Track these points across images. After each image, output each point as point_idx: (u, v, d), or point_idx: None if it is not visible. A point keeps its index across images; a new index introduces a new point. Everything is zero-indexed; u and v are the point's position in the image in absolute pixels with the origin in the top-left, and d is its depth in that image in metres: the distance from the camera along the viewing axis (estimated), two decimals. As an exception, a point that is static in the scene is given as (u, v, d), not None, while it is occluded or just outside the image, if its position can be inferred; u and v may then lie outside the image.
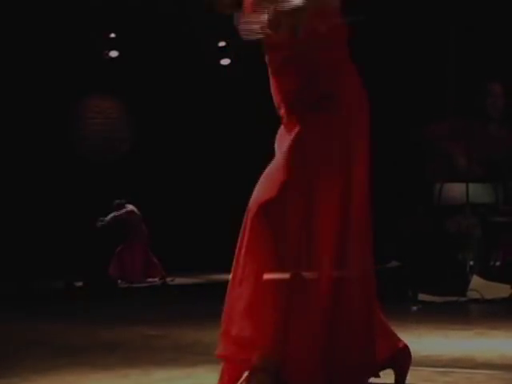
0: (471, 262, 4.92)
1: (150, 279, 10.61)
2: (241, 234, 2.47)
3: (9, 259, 10.94)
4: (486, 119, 5.11)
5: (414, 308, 5.39)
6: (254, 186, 2.54)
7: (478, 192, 6.21)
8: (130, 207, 10.95)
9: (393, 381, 2.61)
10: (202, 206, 12.65)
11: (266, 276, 2.34)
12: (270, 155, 2.65)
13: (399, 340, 2.61)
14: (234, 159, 12.61)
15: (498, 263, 4.86)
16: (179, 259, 10.86)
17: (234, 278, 2.47)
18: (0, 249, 11.21)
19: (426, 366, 3.02)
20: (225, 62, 12.90)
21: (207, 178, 12.71)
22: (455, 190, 6.53)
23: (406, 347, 2.61)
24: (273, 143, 2.66)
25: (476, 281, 4.77)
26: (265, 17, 2.44)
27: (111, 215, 10.96)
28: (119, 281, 10.61)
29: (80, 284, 9.88)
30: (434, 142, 4.74)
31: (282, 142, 2.55)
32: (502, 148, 5.05)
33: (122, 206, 10.99)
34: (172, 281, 10.47)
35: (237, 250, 2.48)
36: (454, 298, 4.79)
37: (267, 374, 2.31)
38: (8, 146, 12.01)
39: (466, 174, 4.69)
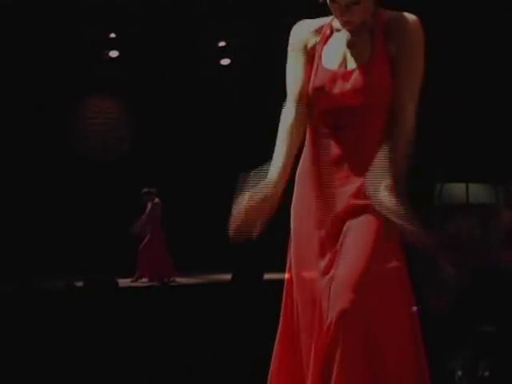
0: (460, 372, 4.90)
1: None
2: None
3: (9, 259, 10.93)
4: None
5: (415, 308, 5.35)
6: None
7: (478, 192, 6.21)
8: (157, 200, 10.79)
9: None
10: (202, 206, 12.64)
11: None
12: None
13: None
14: (234, 159, 12.59)
15: (486, 373, 4.84)
16: (179, 259, 10.85)
17: None
18: (0, 249, 11.21)
19: None
20: (225, 62, 12.89)
21: (207, 177, 12.70)
22: (455, 190, 6.53)
23: None
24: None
25: None
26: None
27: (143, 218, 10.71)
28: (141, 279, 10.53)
29: (80, 284, 9.87)
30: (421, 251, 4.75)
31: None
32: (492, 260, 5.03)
33: (152, 196, 10.76)
34: (172, 281, 10.46)
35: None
36: None
37: None
38: (8, 146, 12.00)
39: (454, 285, 4.68)
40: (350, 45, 2.44)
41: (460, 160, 12.71)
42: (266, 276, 8.79)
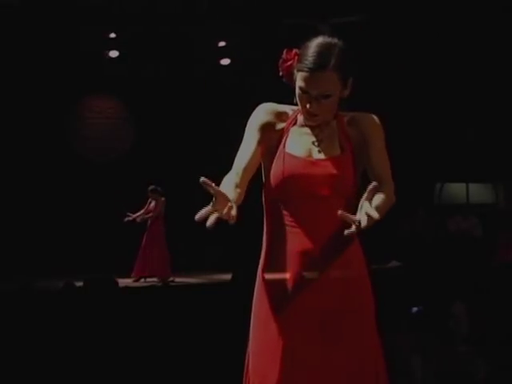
0: None
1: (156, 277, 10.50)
2: None
3: (9, 259, 10.93)
4: (450, 337, 5.05)
5: (415, 309, 5.33)
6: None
7: (478, 192, 6.21)
8: (163, 199, 10.85)
9: None
10: (203, 206, 12.63)
11: None
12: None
13: None
14: (234, 159, 12.59)
15: None
16: (179, 259, 10.85)
17: None
18: (0, 249, 11.22)
19: None
20: (225, 61, 12.89)
21: (208, 178, 12.68)
22: (455, 190, 6.54)
23: None
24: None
25: None
26: None
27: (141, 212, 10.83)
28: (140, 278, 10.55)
29: (80, 284, 9.86)
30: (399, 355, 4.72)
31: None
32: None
33: (158, 194, 10.84)
34: (172, 281, 10.46)
35: None
36: None
37: None
38: (8, 146, 12.01)
39: None
40: (318, 139, 2.51)
41: (460, 160, 12.72)
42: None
